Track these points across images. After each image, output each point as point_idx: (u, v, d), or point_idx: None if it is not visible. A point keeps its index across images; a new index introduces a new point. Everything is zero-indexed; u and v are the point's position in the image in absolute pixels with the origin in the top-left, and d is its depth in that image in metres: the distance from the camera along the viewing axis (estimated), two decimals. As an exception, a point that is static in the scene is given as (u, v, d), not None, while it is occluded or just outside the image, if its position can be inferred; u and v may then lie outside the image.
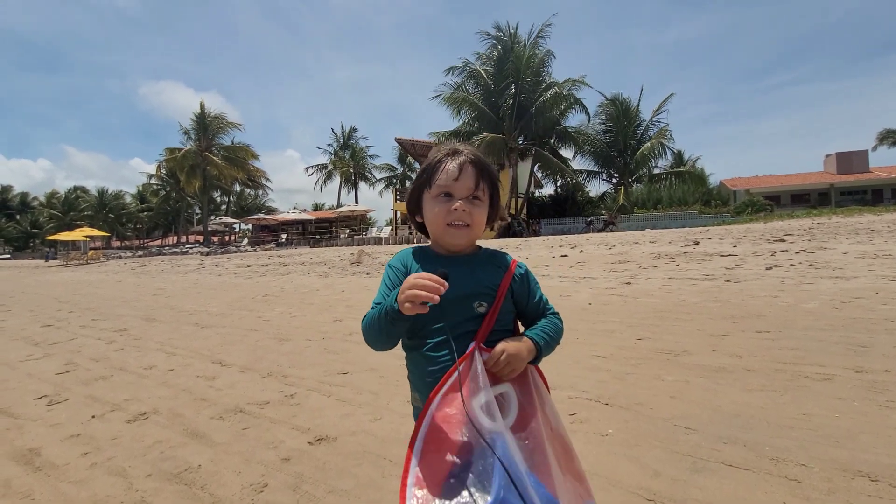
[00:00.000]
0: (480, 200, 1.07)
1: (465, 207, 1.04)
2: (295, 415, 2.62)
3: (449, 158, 1.08)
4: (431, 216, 1.08)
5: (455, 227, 1.05)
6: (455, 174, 1.05)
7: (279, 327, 5.16)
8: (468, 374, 0.92)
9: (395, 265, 1.11)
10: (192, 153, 36.63)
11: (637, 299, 5.41)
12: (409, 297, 0.87)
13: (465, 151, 1.09)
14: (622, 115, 31.24)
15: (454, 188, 1.05)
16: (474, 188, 1.05)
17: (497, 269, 1.10)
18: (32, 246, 56.16)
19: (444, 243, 1.10)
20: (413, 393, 1.10)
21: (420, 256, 1.12)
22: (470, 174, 1.05)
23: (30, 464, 2.19)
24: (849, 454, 1.87)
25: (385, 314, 0.95)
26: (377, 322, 0.98)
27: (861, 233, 9.67)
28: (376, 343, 1.03)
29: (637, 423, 2.26)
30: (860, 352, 3.07)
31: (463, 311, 1.02)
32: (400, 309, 0.90)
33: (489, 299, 1.05)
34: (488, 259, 1.13)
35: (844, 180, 32.50)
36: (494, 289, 1.06)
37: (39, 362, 4.17)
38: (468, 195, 1.05)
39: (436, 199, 1.07)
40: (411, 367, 1.09)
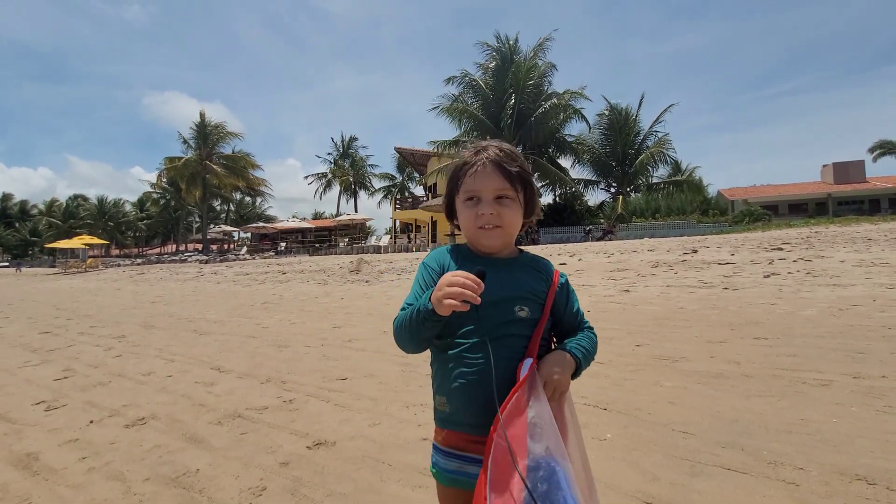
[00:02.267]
0: (511, 199, 1.01)
1: (492, 210, 0.99)
2: (294, 420, 2.62)
3: (473, 159, 1.03)
4: (463, 221, 1.04)
5: (486, 230, 1.01)
6: (480, 176, 1.00)
7: (278, 334, 5.16)
8: (529, 394, 0.86)
9: (430, 264, 1.06)
10: (192, 162, 36.76)
11: (636, 307, 5.42)
12: (448, 294, 0.83)
13: (490, 148, 1.03)
14: (621, 125, 31.47)
15: (480, 191, 1.00)
16: (501, 188, 1.00)
17: (539, 276, 1.06)
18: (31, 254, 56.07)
19: (479, 246, 1.05)
20: (439, 397, 1.01)
21: (457, 256, 1.06)
22: (495, 174, 1.00)
23: (28, 468, 2.18)
24: (846, 458, 1.87)
25: (418, 314, 0.90)
26: (409, 323, 0.93)
27: (858, 241, 9.71)
28: (408, 344, 0.98)
29: (636, 429, 2.27)
30: (858, 358, 3.08)
31: (502, 314, 0.97)
32: (435, 309, 0.86)
33: (530, 304, 1.00)
34: (531, 264, 1.08)
35: (841, 190, 32.67)
36: (536, 295, 1.02)
37: (38, 368, 4.16)
38: (495, 196, 1.00)
39: (465, 203, 1.03)
40: (440, 369, 1.01)
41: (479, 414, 0.91)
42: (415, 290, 1.03)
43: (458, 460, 0.95)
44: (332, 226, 38.97)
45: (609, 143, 32.29)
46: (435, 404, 1.03)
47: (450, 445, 0.97)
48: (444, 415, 0.99)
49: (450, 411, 0.97)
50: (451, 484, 0.96)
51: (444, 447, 0.98)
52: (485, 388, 0.91)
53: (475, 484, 0.87)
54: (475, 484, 0.87)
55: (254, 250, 37.63)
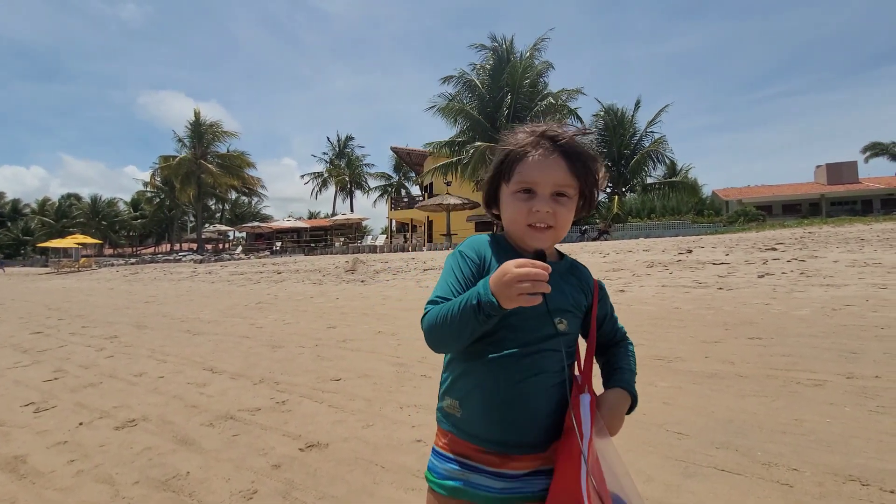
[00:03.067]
0: (568, 197, 0.89)
1: (548, 208, 0.87)
2: (286, 421, 2.60)
3: (534, 147, 0.89)
4: (510, 214, 0.91)
5: (536, 230, 0.89)
6: (539, 166, 0.87)
7: (272, 334, 5.13)
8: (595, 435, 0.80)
9: (467, 254, 0.92)
10: (186, 161, 36.53)
11: (631, 306, 5.42)
12: (524, 289, 0.71)
13: (557, 136, 0.89)
14: (617, 125, 31.57)
15: (537, 183, 0.87)
16: (563, 184, 0.88)
17: (580, 284, 0.96)
18: (23, 253, 55.55)
19: (525, 246, 0.92)
20: (451, 399, 0.91)
21: (497, 248, 0.94)
22: (558, 167, 0.87)
23: (14, 471, 2.14)
24: (840, 459, 1.87)
25: (476, 309, 0.76)
26: (458, 318, 0.78)
27: (851, 242, 9.77)
28: (449, 343, 0.85)
29: (630, 429, 2.26)
30: (851, 358, 3.09)
31: (542, 325, 0.87)
32: (500, 303, 0.73)
33: (570, 318, 0.91)
34: (571, 271, 0.98)
35: (835, 191, 32.91)
36: (577, 307, 0.93)
37: (27, 369, 4.11)
38: (553, 192, 0.88)
39: (515, 195, 0.90)
40: (460, 371, 0.91)
41: (496, 430, 0.85)
42: (449, 282, 0.88)
43: (462, 468, 0.87)
44: (328, 225, 38.83)
45: (605, 144, 32.40)
46: (442, 404, 0.94)
47: (454, 452, 0.88)
48: (454, 419, 0.90)
49: (461, 417, 0.89)
50: (452, 494, 0.86)
51: (448, 453, 0.89)
52: (508, 404, 0.84)
53: (478, 495, 0.84)
54: (478, 495, 0.84)
55: (249, 250, 37.45)
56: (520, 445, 0.85)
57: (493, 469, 0.85)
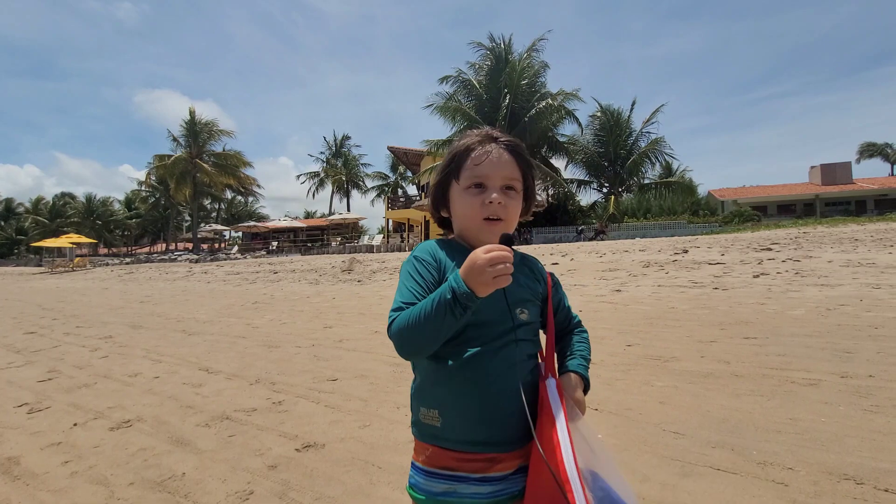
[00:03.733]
0: (516, 191, 0.94)
1: (500, 200, 0.90)
2: (283, 422, 2.59)
3: (481, 145, 0.94)
4: (463, 210, 0.94)
5: (491, 223, 0.91)
6: (490, 161, 0.92)
7: (268, 334, 5.11)
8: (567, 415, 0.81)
9: (422, 258, 0.93)
10: (182, 160, 36.36)
11: (627, 306, 5.44)
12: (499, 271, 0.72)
13: (496, 136, 0.96)
14: (613, 126, 31.66)
15: (488, 178, 0.92)
16: (512, 177, 0.93)
17: (533, 275, 1.00)
18: (17, 253, 55.12)
19: (477, 241, 0.92)
20: (428, 410, 0.90)
21: (451, 250, 0.95)
22: (506, 161, 0.93)
23: (8, 473, 2.13)
24: (835, 457, 1.89)
25: (453, 302, 0.75)
26: (433, 316, 0.77)
27: (845, 242, 9.84)
28: (424, 344, 0.82)
29: (627, 429, 2.27)
30: (845, 357, 3.11)
31: (505, 318, 0.89)
32: (474, 291, 0.74)
33: (530, 306, 0.94)
34: (523, 262, 1.02)
35: (829, 191, 33.13)
36: (535, 296, 0.97)
37: (21, 370, 4.08)
38: (502, 185, 0.92)
39: (467, 190, 0.93)
40: (433, 379, 0.90)
41: (483, 431, 0.84)
42: (410, 287, 0.88)
43: (447, 481, 0.85)
44: (325, 225, 38.75)
45: (601, 144, 32.48)
46: (418, 417, 0.92)
47: (437, 465, 0.86)
48: (434, 430, 0.88)
49: (442, 426, 0.87)
50: None
51: (430, 468, 0.87)
52: (489, 401, 0.85)
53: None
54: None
55: (245, 250, 37.32)
56: (508, 442, 0.85)
57: (479, 475, 0.84)
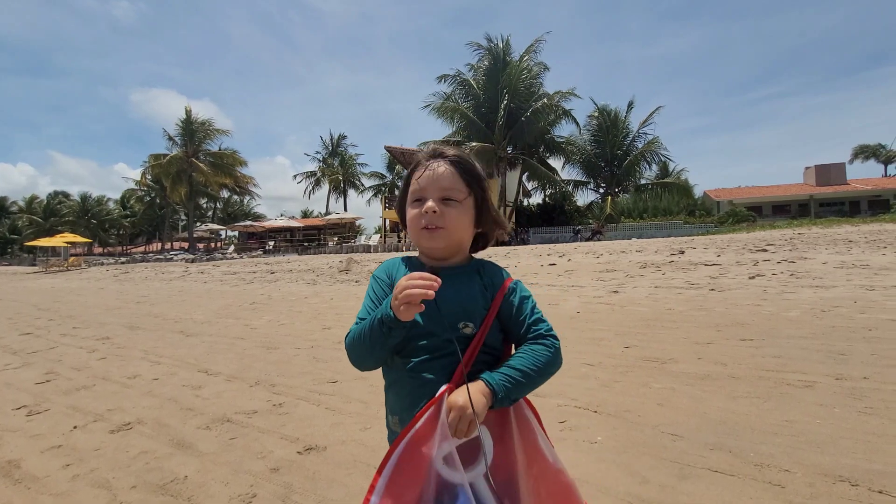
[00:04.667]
0: (456, 201, 0.98)
1: (435, 208, 0.96)
2: (284, 424, 2.59)
3: (423, 162, 1.02)
4: (409, 223, 1.02)
5: (428, 231, 0.97)
6: (427, 176, 0.99)
7: (267, 335, 5.11)
8: (436, 417, 0.84)
9: (379, 276, 1.03)
10: (177, 159, 36.19)
11: (624, 308, 5.47)
12: (404, 299, 0.80)
13: (440, 152, 1.02)
14: (610, 127, 31.77)
15: (426, 190, 0.99)
16: (448, 188, 0.98)
17: (485, 286, 1.00)
18: (10, 252, 54.70)
19: (423, 249, 1.03)
20: (391, 416, 0.99)
21: (409, 266, 1.03)
22: (442, 174, 0.98)
23: (9, 476, 2.13)
24: (830, 459, 1.91)
25: (380, 324, 0.86)
26: (369, 335, 0.89)
27: (840, 243, 9.93)
28: (365, 359, 0.94)
29: (625, 431, 2.29)
30: (840, 359, 3.15)
31: (447, 331, 0.92)
32: (396, 315, 0.83)
33: (477, 319, 0.95)
34: (479, 272, 1.03)
35: (823, 192, 33.38)
36: (482, 308, 0.97)
37: (18, 371, 4.07)
38: (440, 196, 0.98)
39: (411, 205, 1.02)
40: (394, 388, 0.99)
41: None
42: (366, 305, 1.00)
43: None
44: (322, 225, 38.68)
45: (598, 145, 32.59)
46: (388, 423, 1.02)
47: None
48: (395, 435, 0.95)
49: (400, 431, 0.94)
50: None
51: None
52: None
53: None
54: None
55: (241, 249, 37.20)
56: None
57: None
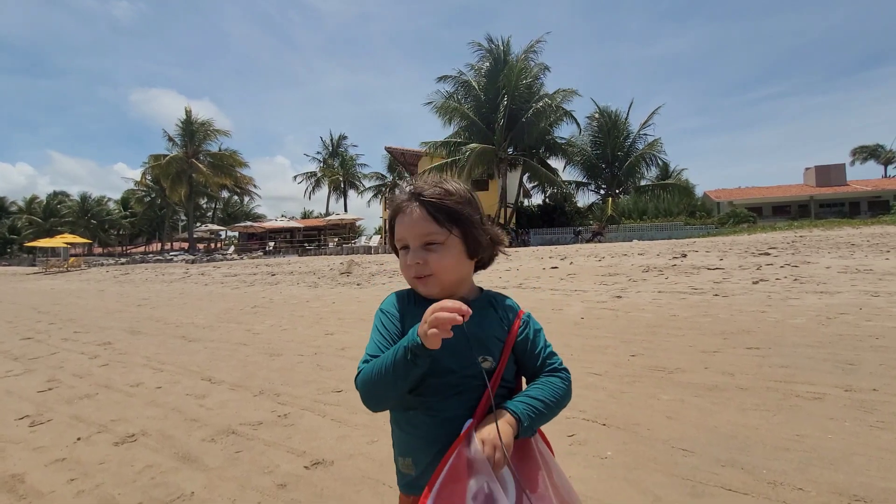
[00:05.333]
0: (439, 243, 0.94)
1: (418, 259, 0.94)
2: (290, 436, 2.57)
3: (400, 203, 0.98)
4: (401, 269, 1.01)
5: (420, 280, 0.96)
6: (404, 222, 0.96)
7: (269, 341, 5.08)
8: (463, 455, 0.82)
9: (387, 310, 1.00)
10: (177, 160, 36.15)
11: (629, 313, 5.45)
12: (434, 323, 0.77)
13: (419, 188, 0.98)
14: (611, 128, 31.77)
15: (405, 239, 0.97)
16: (427, 233, 0.94)
17: (500, 319, 1.00)
18: (10, 252, 54.62)
19: (423, 295, 0.99)
20: (403, 459, 0.94)
21: (412, 299, 1.01)
22: (419, 219, 0.94)
23: (13, 491, 2.10)
24: (844, 477, 1.89)
25: (405, 352, 0.82)
26: (392, 368, 0.84)
27: (842, 247, 9.92)
28: (385, 397, 0.89)
29: (636, 446, 2.27)
30: (848, 370, 3.13)
31: (466, 366, 0.91)
32: (424, 343, 0.79)
33: (495, 353, 0.94)
34: (491, 305, 1.02)
35: (823, 193, 33.39)
36: (499, 340, 0.96)
37: (20, 378, 4.04)
38: (420, 243, 0.95)
39: (400, 251, 1.00)
40: (407, 427, 0.94)
41: None
42: (376, 340, 0.95)
43: None
44: (322, 225, 38.66)
45: (599, 146, 32.58)
46: (398, 467, 0.97)
47: None
48: (410, 479, 0.92)
49: (416, 475, 0.91)
50: None
51: None
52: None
53: None
54: None
55: (241, 250, 37.15)
56: None
57: None
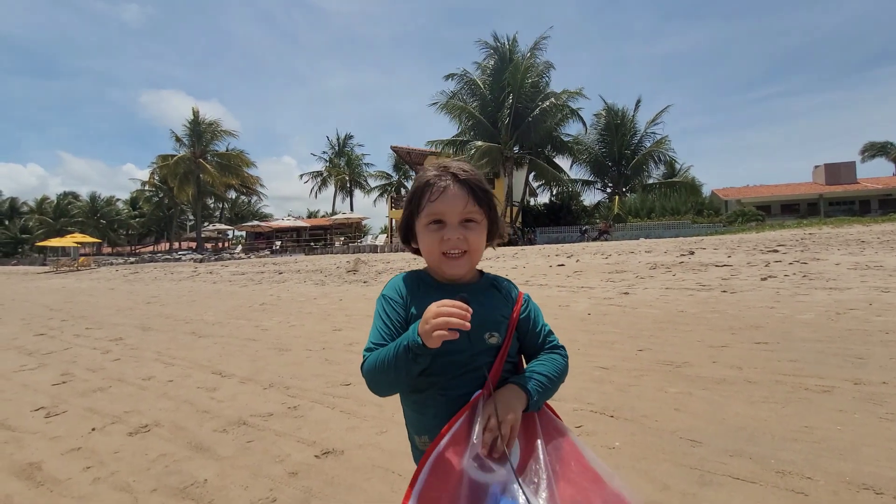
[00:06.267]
0: (476, 222, 0.97)
1: (459, 234, 0.95)
2: (300, 427, 2.61)
3: (436, 180, 0.97)
4: (425, 246, 0.99)
5: (451, 258, 0.96)
6: (444, 198, 0.95)
7: (278, 337, 5.13)
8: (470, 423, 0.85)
9: (390, 295, 1.00)
10: (184, 160, 36.44)
11: (636, 309, 5.44)
12: (439, 325, 0.78)
13: (454, 168, 0.98)
14: (617, 126, 31.62)
15: (444, 214, 0.95)
16: (469, 210, 0.95)
17: (504, 298, 1.03)
18: (21, 252, 55.37)
19: (444, 274, 1.00)
20: (420, 437, 0.97)
21: (417, 284, 1.02)
22: (460, 196, 0.95)
23: (31, 479, 2.15)
24: (853, 467, 1.89)
25: (406, 351, 0.84)
26: (393, 363, 0.86)
27: (852, 244, 9.82)
28: (390, 386, 0.91)
29: (643, 436, 2.28)
30: (858, 364, 3.11)
31: (474, 343, 0.94)
32: (425, 342, 0.81)
33: (500, 329, 0.98)
34: (494, 286, 1.05)
35: (833, 191, 33.01)
36: (504, 318, 1.00)
37: (34, 373, 4.12)
38: (461, 220, 0.95)
39: (427, 227, 0.97)
40: (419, 407, 0.97)
41: None
42: (379, 328, 0.96)
43: None
44: (328, 225, 38.79)
45: (605, 144, 32.44)
46: (415, 444, 0.99)
47: None
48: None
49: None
50: None
51: None
52: None
53: None
54: None
55: (249, 249, 37.40)
56: None
57: None
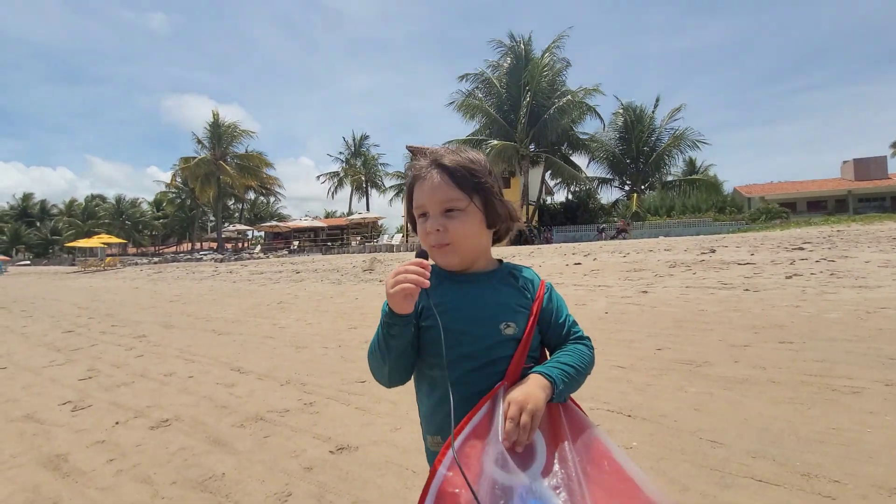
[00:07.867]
0: (461, 210, 0.92)
1: (437, 226, 0.91)
2: (315, 423, 2.63)
3: (419, 170, 0.95)
4: (420, 239, 0.98)
5: (438, 249, 0.93)
6: (425, 188, 0.93)
7: (295, 335, 5.20)
8: (488, 418, 0.80)
9: None
10: (205, 162, 37.22)
11: (654, 308, 5.34)
12: (398, 282, 0.78)
13: (437, 154, 0.95)
14: (636, 123, 31.12)
15: (425, 206, 0.93)
16: (448, 199, 0.91)
17: (522, 288, 0.99)
18: (51, 253, 57.40)
19: (440, 266, 0.98)
20: (432, 437, 0.92)
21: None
22: (439, 184, 0.91)
23: (57, 469, 2.22)
24: (884, 471, 1.82)
25: (382, 326, 0.85)
26: (376, 340, 0.88)
27: (883, 241, 9.46)
28: (380, 368, 0.90)
29: (662, 436, 2.23)
30: (889, 364, 2.99)
31: (488, 334, 0.90)
32: (392, 308, 0.81)
33: (518, 319, 0.92)
34: (512, 276, 1.01)
35: (862, 187, 31.88)
36: (523, 308, 0.95)
37: (62, 368, 4.25)
38: (442, 209, 0.92)
39: (418, 220, 0.96)
40: (434, 406, 0.92)
41: None
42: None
43: None
44: (345, 224, 39.16)
45: (623, 142, 31.96)
46: (427, 445, 0.95)
47: None
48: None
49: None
50: None
51: None
52: None
53: None
54: None
55: (267, 249, 38.01)
56: None
57: None
